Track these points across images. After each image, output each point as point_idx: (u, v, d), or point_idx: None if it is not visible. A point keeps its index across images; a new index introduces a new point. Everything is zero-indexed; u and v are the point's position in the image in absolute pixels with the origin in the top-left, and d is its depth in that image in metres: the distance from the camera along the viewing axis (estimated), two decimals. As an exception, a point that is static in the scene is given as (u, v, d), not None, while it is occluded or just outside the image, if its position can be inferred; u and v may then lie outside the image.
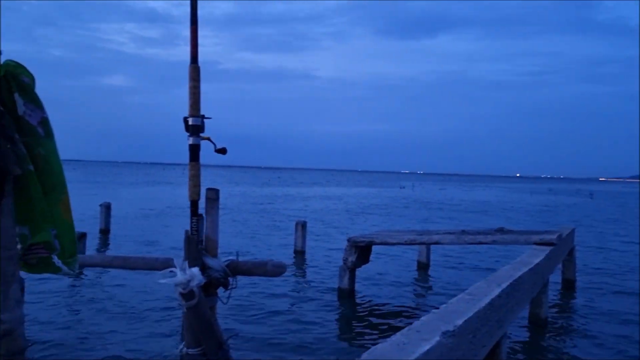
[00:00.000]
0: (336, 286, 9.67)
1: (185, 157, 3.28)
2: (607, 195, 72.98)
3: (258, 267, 3.08)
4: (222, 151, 3.25)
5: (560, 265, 10.81)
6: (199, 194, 3.19)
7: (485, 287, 4.87)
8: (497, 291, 4.77)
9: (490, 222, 24.88)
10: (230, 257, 3.14)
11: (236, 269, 3.03)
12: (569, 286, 10.88)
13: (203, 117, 3.21)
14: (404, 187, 74.70)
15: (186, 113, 3.25)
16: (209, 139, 3.24)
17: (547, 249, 8.02)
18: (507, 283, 5.18)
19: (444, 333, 3.51)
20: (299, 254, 13.51)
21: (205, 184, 3.30)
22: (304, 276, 11.54)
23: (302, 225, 13.61)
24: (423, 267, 12.50)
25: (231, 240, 16.00)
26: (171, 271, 2.73)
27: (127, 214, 22.13)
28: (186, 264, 2.82)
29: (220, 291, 3.23)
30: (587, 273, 12.51)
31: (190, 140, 3.19)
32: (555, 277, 10.98)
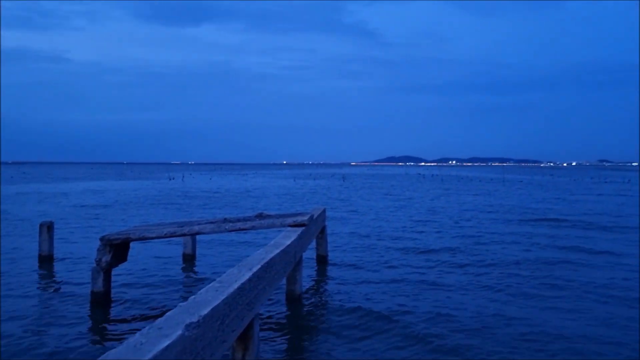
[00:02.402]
0: (89, 291, 8.74)
1: None
2: (357, 177, 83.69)
3: None
4: None
5: (314, 243, 11.87)
6: None
7: (237, 273, 4.95)
8: (247, 275, 4.89)
9: (255, 207, 25.96)
10: None
11: None
12: (322, 261, 12.03)
13: None
14: (173, 179, 72.54)
15: None
16: None
17: (300, 229, 8.68)
18: (259, 266, 5.37)
19: (188, 325, 3.41)
20: (46, 259, 11.80)
21: None
22: (51, 284, 10.12)
23: (48, 227, 11.88)
24: (189, 259, 12.26)
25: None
26: None
27: None
28: None
29: None
30: (336, 247, 14.05)
31: None
32: (310, 254, 12.04)
